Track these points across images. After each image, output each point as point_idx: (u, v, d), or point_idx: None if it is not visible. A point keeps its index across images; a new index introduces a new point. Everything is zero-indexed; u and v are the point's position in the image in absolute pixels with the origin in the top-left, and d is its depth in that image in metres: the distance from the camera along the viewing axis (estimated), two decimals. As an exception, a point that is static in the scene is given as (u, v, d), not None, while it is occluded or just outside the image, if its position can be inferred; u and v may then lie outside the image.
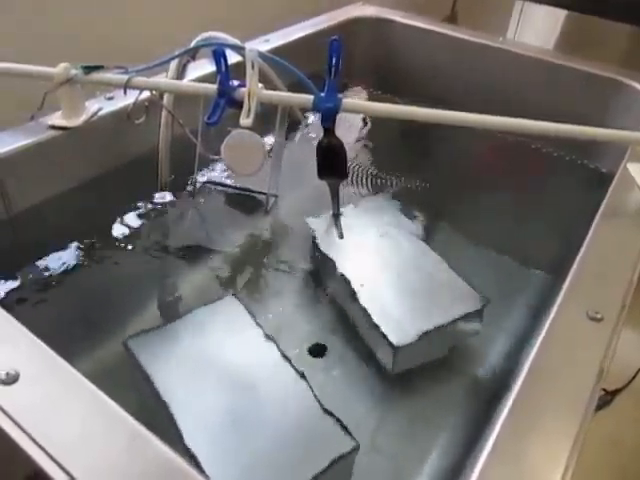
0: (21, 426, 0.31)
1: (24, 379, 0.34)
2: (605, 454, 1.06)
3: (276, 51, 0.81)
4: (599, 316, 0.41)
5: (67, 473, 0.29)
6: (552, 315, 0.42)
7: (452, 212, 0.75)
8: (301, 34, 0.87)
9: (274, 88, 0.69)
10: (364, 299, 0.54)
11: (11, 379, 0.33)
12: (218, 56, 0.53)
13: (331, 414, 0.44)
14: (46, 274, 0.59)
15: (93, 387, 0.34)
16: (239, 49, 0.57)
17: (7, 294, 0.55)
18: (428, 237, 0.62)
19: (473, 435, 0.46)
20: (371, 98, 0.97)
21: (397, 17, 0.96)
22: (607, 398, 1.16)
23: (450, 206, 0.76)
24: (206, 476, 0.36)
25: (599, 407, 1.14)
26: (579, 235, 0.53)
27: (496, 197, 0.78)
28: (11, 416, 0.31)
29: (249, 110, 0.54)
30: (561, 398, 0.35)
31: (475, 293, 0.55)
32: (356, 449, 0.42)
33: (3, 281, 0.56)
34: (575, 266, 0.47)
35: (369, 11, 0.98)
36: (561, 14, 1.27)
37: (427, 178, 0.80)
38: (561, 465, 0.31)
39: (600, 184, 0.63)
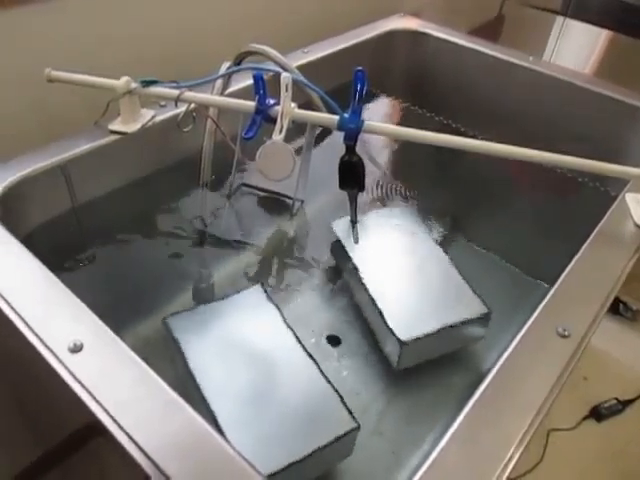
0: (85, 386, 0.39)
1: (87, 349, 0.42)
2: (614, 462, 1.09)
3: (315, 62, 0.88)
4: (567, 333, 0.47)
5: (119, 425, 0.38)
6: (525, 328, 0.47)
7: (466, 223, 0.80)
8: (339, 46, 0.92)
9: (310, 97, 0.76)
10: (377, 296, 0.59)
11: (77, 348, 0.42)
12: (257, 79, 0.60)
13: (338, 396, 0.50)
14: (103, 257, 0.67)
15: (138, 359, 0.42)
16: (276, 72, 0.63)
17: (70, 274, 0.63)
18: (442, 245, 0.67)
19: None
20: (402, 111, 1.01)
21: (432, 30, 0.99)
22: (618, 407, 1.17)
23: (464, 217, 0.81)
24: (226, 438, 0.42)
25: (610, 415, 1.16)
26: (575, 253, 0.57)
27: (509, 212, 0.82)
28: (77, 378, 0.40)
29: (281, 127, 0.61)
30: (517, 400, 0.42)
31: (480, 301, 0.59)
32: (356, 429, 0.48)
33: (67, 263, 0.64)
34: (556, 284, 0.52)
35: (407, 23, 1.02)
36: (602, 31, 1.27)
37: (444, 190, 0.84)
38: (507, 452, 0.38)
39: (608, 207, 0.66)
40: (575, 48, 1.25)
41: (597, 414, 1.16)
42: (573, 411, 1.16)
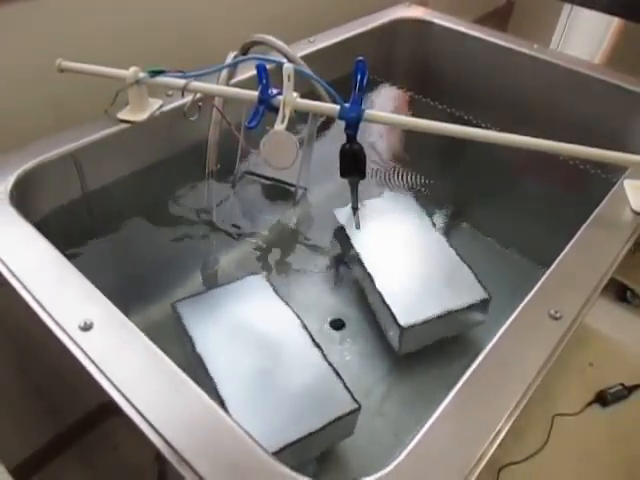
0: (94, 362, 0.42)
1: (97, 328, 0.44)
2: (618, 447, 1.09)
3: (321, 52, 0.89)
4: (558, 315, 0.48)
5: (128, 400, 0.40)
6: (518, 310, 0.49)
7: (467, 209, 0.81)
8: (345, 35, 0.93)
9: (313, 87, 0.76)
10: (379, 283, 0.61)
11: (88, 327, 0.44)
12: (259, 69, 0.62)
13: (340, 379, 0.52)
14: (111, 243, 0.69)
15: (146, 338, 0.44)
16: (278, 62, 0.64)
17: (80, 258, 0.65)
18: (444, 231, 0.69)
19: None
20: (407, 100, 1.01)
21: (437, 19, 0.99)
22: (624, 393, 1.17)
23: (465, 204, 0.82)
24: (232, 418, 0.43)
25: (615, 401, 1.17)
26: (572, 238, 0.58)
27: (510, 199, 0.83)
28: (87, 354, 0.42)
29: (283, 117, 0.62)
30: (507, 379, 0.43)
31: (480, 287, 0.61)
32: (357, 410, 0.50)
33: (78, 247, 0.66)
34: (551, 267, 0.53)
35: (413, 12, 1.02)
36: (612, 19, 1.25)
37: (446, 177, 0.85)
38: (495, 428, 0.40)
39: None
40: (583, 35, 1.25)
41: (602, 399, 1.16)
42: (578, 396, 1.17)
